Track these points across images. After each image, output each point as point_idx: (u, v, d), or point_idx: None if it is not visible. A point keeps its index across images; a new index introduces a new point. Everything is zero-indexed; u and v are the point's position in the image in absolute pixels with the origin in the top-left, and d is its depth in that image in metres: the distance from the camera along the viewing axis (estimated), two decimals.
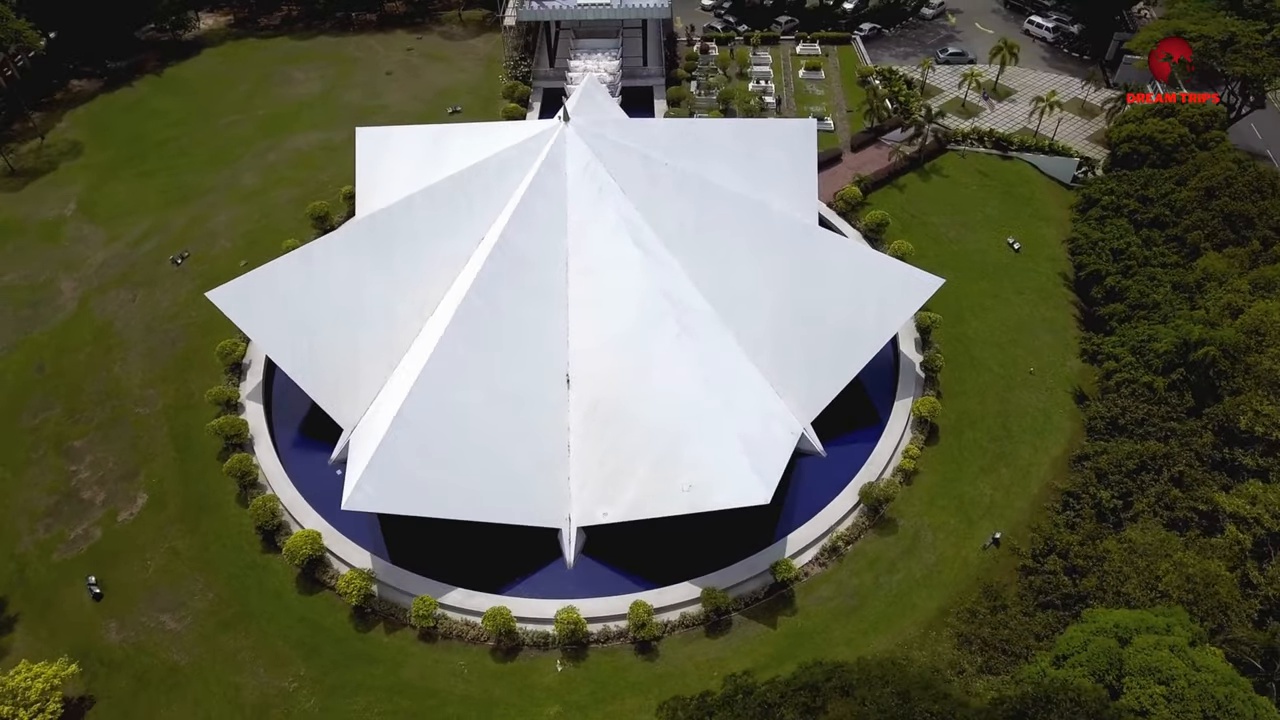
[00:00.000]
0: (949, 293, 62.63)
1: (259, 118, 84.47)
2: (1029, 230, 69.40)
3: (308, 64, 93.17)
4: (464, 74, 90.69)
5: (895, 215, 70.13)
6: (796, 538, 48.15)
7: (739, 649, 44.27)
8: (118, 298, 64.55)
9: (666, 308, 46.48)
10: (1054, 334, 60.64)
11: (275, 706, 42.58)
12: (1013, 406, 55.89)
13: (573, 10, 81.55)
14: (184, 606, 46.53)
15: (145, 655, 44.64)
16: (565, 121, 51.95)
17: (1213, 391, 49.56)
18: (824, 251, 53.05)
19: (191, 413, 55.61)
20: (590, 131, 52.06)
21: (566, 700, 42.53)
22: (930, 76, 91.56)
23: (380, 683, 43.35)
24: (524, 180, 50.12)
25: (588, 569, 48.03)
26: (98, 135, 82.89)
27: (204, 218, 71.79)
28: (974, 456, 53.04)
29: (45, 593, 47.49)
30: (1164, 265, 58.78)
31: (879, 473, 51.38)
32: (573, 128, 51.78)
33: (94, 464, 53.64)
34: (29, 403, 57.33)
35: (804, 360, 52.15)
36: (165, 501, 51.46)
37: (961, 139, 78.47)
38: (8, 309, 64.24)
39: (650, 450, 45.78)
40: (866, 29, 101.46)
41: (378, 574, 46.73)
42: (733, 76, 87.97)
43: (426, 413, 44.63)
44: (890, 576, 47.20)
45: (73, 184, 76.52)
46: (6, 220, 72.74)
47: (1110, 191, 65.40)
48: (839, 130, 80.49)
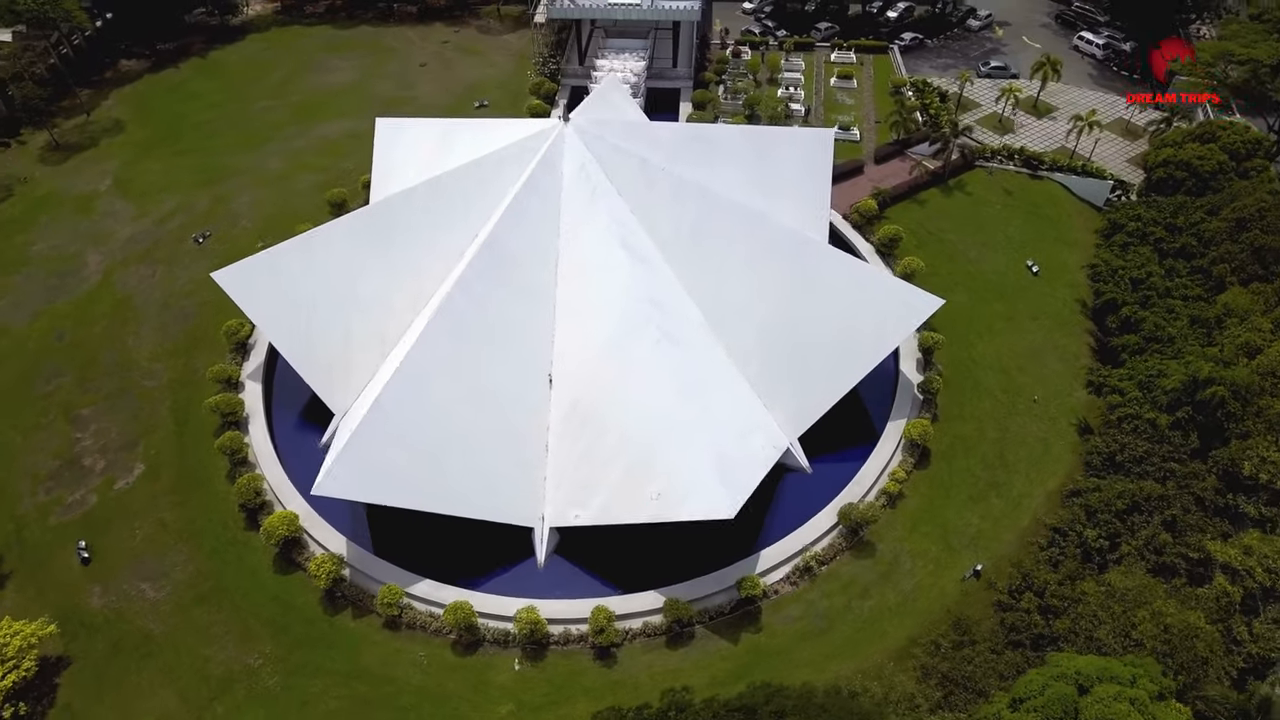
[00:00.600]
0: (958, 314, 61.37)
1: (292, 104, 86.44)
2: (1051, 253, 67.11)
3: (346, 53, 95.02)
4: (495, 69, 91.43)
5: (912, 231, 68.60)
6: (770, 554, 47.39)
7: (698, 663, 43.78)
8: (139, 273, 66.72)
9: (648, 314, 46.17)
10: (1065, 363, 58.53)
11: (239, 681, 43.56)
12: (1012, 435, 54.12)
13: (603, 9, 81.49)
14: (165, 577, 47.90)
15: (123, 621, 46.08)
16: (565, 121, 51.87)
17: (1220, 434, 47.31)
18: (822, 265, 52.04)
19: (194, 389, 57.14)
20: (590, 133, 51.96)
21: (520, 700, 42.61)
22: (968, 90, 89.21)
23: (341, 666, 44.01)
24: (519, 179, 50.27)
25: (561, 570, 48.04)
26: (139, 114, 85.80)
27: (228, 199, 73.76)
28: (964, 484, 51.52)
29: (38, 553, 49.35)
30: (1185, 298, 56.28)
31: (863, 494, 50.27)
32: (572, 128, 51.78)
33: (98, 432, 55.54)
34: (45, 369, 59.62)
35: (794, 374, 51.35)
36: (160, 473, 53.03)
37: (990, 155, 76.29)
38: (37, 278, 66.92)
39: (623, 456, 45.56)
40: (908, 39, 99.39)
41: (351, 560, 47.46)
42: (763, 82, 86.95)
43: (403, 404, 45.07)
44: (863, 601, 46.14)
45: (111, 160, 79.33)
46: (46, 193, 75.76)
47: (1137, 218, 62.85)
48: (865, 141, 78.96)
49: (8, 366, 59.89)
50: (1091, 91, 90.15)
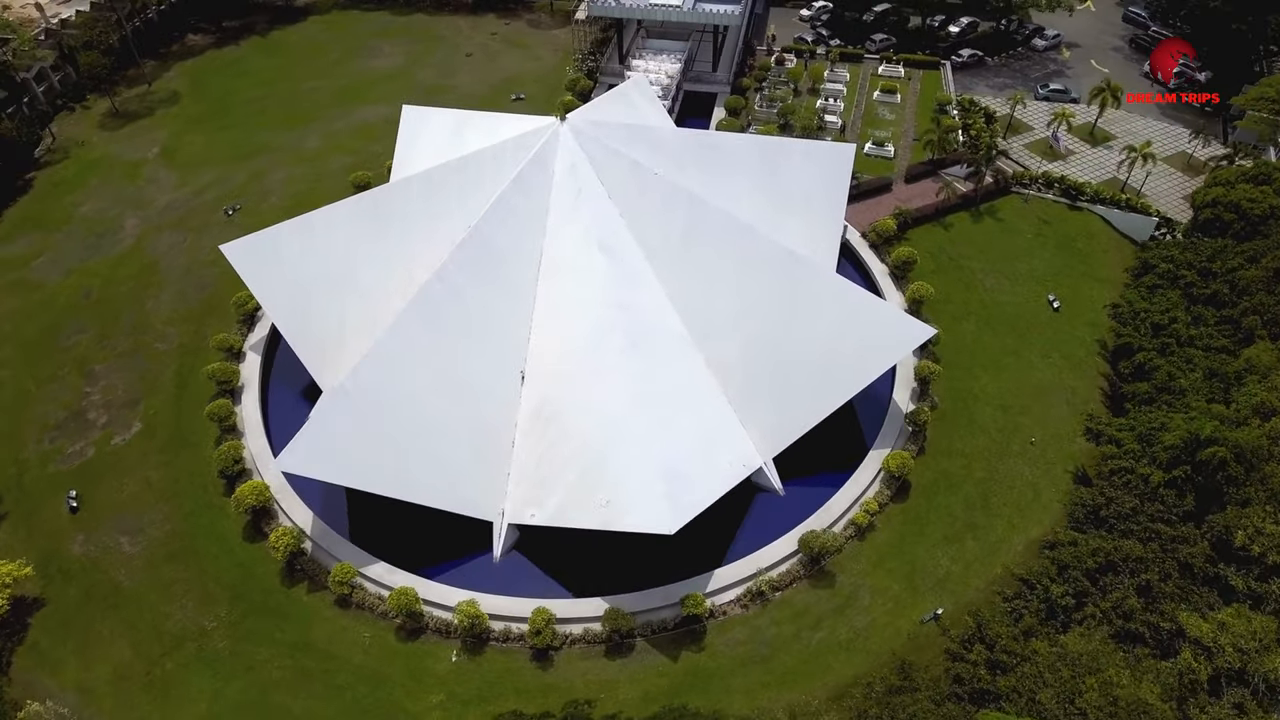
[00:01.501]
0: (964, 344, 59.05)
1: (338, 86, 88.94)
2: (1077, 289, 63.77)
3: (397, 38, 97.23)
4: (538, 63, 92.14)
5: (931, 255, 66.29)
6: (724, 574, 46.43)
7: (634, 675, 43.27)
8: (170, 239, 69.70)
9: (616, 319, 45.80)
10: (1071, 406, 55.54)
11: (191, 641, 45.12)
12: (1001, 476, 51.68)
13: (643, 9, 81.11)
14: (142, 533, 49.95)
15: (98, 571, 48.26)
16: (561, 120, 51.81)
17: (1218, 498, 44.12)
18: (812, 284, 50.61)
19: (199, 355, 59.35)
20: (585, 133, 51.79)
21: (452, 691, 42.89)
22: (1022, 112, 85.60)
23: (289, 638, 45.11)
24: (509, 175, 50.44)
25: (519, 567, 48.10)
26: (196, 88, 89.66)
27: (263, 174, 76.41)
28: (941, 522, 49.45)
29: (34, 498, 52.10)
30: (1207, 348, 52.70)
31: (830, 522, 48.77)
32: (567, 127, 51.72)
33: (106, 388, 58.30)
34: (69, 324, 62.88)
35: (774, 393, 50.18)
36: (155, 432, 55.33)
37: (1028, 182, 72.97)
38: (77, 237, 70.66)
39: (580, 460, 45.36)
40: (966, 55, 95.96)
41: (314, 535, 48.60)
42: (803, 91, 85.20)
43: (371, 388, 45.80)
44: (812, 633, 44.78)
45: (162, 130, 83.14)
46: (100, 157, 79.91)
47: (1169, 259, 59.20)
48: (899, 159, 76.56)
49: (37, 319, 63.39)
50: (1156, 122, 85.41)
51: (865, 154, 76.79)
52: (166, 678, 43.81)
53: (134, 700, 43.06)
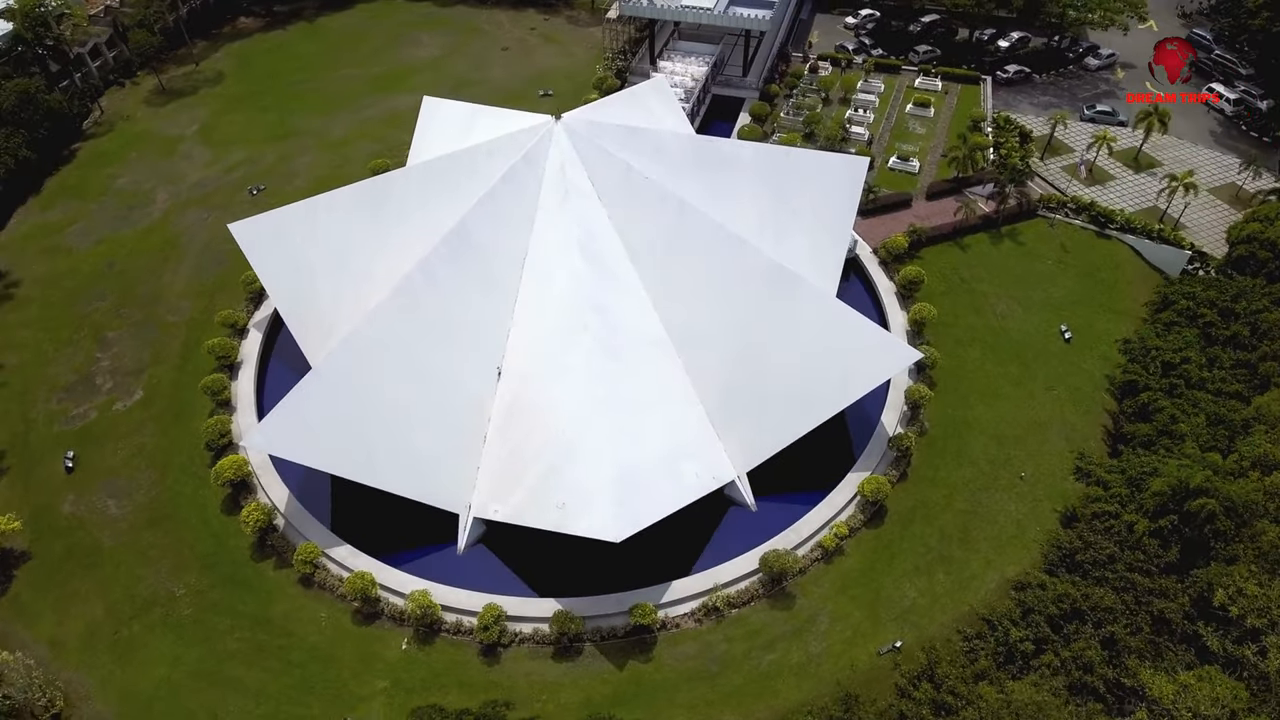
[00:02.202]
0: (964, 370, 57.25)
1: (375, 74, 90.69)
2: (1092, 321, 61.07)
3: (438, 29, 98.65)
4: (571, 59, 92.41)
5: (943, 276, 64.37)
6: (681, 585, 45.85)
7: (578, 680, 43.06)
8: (194, 215, 72.03)
9: (587, 322, 45.60)
10: (1069, 442, 53.22)
11: (159, 605, 46.58)
12: (983, 510, 49.85)
13: (674, 11, 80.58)
14: (128, 497, 51.75)
15: (83, 531, 50.19)
16: (556, 119, 51.79)
17: (1205, 552, 41.74)
18: (797, 300, 49.50)
19: (206, 329, 61.16)
20: (579, 133, 51.65)
21: (398, 679, 43.32)
22: (1064, 134, 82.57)
23: (250, 611, 46.20)
24: (499, 171, 50.61)
25: (484, 561, 48.29)
26: (240, 69, 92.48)
27: (290, 157, 78.42)
28: (913, 552, 47.94)
29: (36, 456, 54.45)
30: (1218, 393, 49.91)
31: (798, 543, 47.72)
32: (561, 126, 51.63)
33: (116, 355, 60.58)
34: (91, 291, 65.53)
35: (753, 407, 49.44)
36: (154, 401, 57.27)
37: (1056, 205, 70.20)
38: (110, 207, 73.60)
39: (542, 460, 45.36)
40: (1012, 71, 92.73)
41: (289, 513, 49.64)
42: (834, 101, 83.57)
43: (346, 374, 46.50)
44: (764, 654, 43.90)
45: (203, 108, 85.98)
46: (142, 131, 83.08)
47: (1190, 296, 56.26)
48: (923, 174, 74.49)
49: (62, 285, 66.23)
50: (1208, 150, 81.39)
51: (889, 168, 75.07)
52: (132, 639, 45.30)
53: (99, 659, 44.64)
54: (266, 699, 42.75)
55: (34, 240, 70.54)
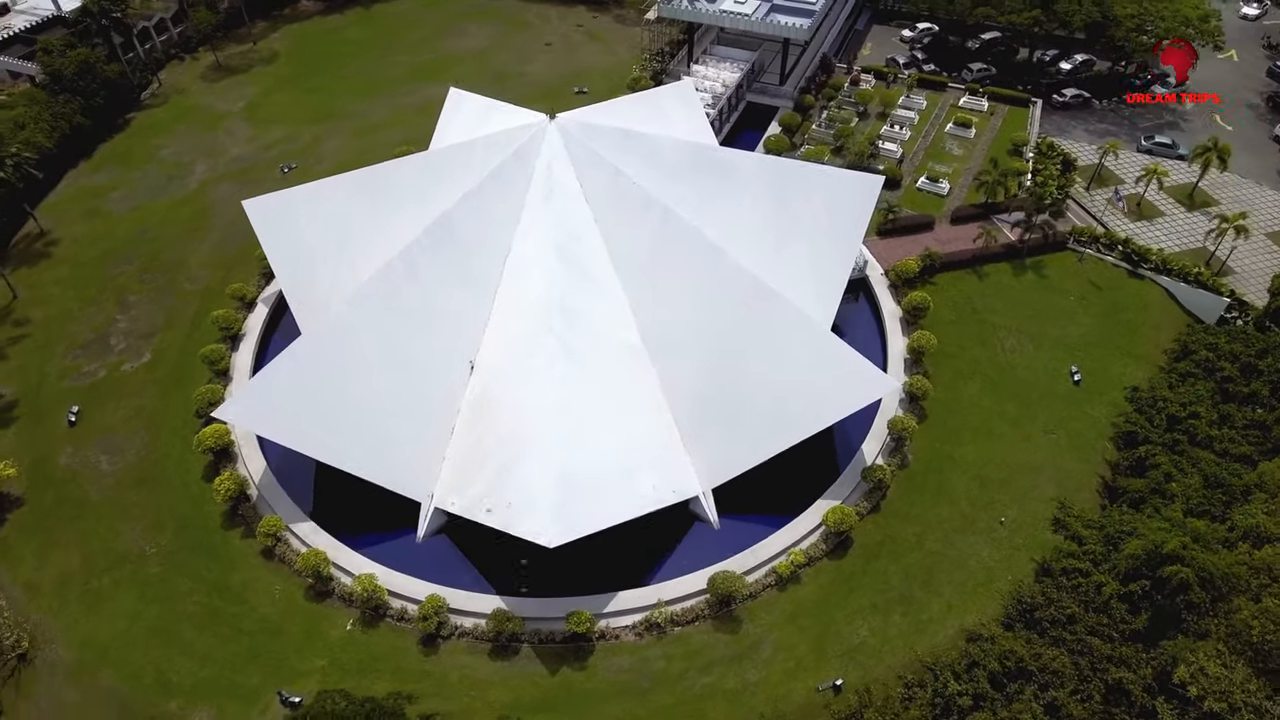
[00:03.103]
0: (958, 404, 55.15)
1: (419, 62, 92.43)
2: (1107, 364, 57.76)
3: (486, 21, 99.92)
4: (612, 58, 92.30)
5: (955, 304, 61.97)
6: (628, 597, 45.35)
7: (509, 680, 43.04)
8: (227, 189, 74.69)
9: (553, 324, 45.47)
10: (1060, 489, 50.46)
11: (129, 562, 48.52)
12: (954, 552, 47.73)
13: (712, 15, 79.63)
14: (120, 455, 54.05)
15: (73, 483, 52.65)
16: (550, 118, 51.72)
17: (1177, 622, 39.00)
18: (776, 319, 48.25)
19: (218, 299, 63.38)
20: (571, 133, 51.46)
21: (337, 659, 44.07)
22: (1116, 164, 78.44)
23: (212, 577, 47.69)
24: (489, 167, 50.85)
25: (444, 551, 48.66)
26: (294, 50, 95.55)
27: (324, 138, 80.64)
28: (872, 589, 46.23)
29: (45, 407, 57.36)
30: (1224, 454, 46.57)
31: (755, 565, 46.61)
32: (554, 126, 51.51)
33: (133, 318, 63.36)
34: (121, 254, 68.70)
35: (724, 423, 48.56)
36: (159, 365, 59.68)
37: (1087, 239, 66.64)
38: (151, 176, 77.01)
39: (498, 457, 45.47)
40: (1069, 95, 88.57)
41: (262, 485, 51.04)
42: (872, 115, 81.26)
43: (320, 356, 47.40)
44: (700, 676, 43.03)
45: (253, 87, 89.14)
46: (193, 105, 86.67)
47: (1212, 347, 52.66)
48: (951, 197, 71.79)
49: (96, 246, 69.62)
50: (1273, 191, 76.15)
51: (917, 188, 72.67)
52: (100, 591, 47.32)
53: (69, 606, 46.78)
54: (211, 663, 44.08)
55: (78, 202, 74.35)
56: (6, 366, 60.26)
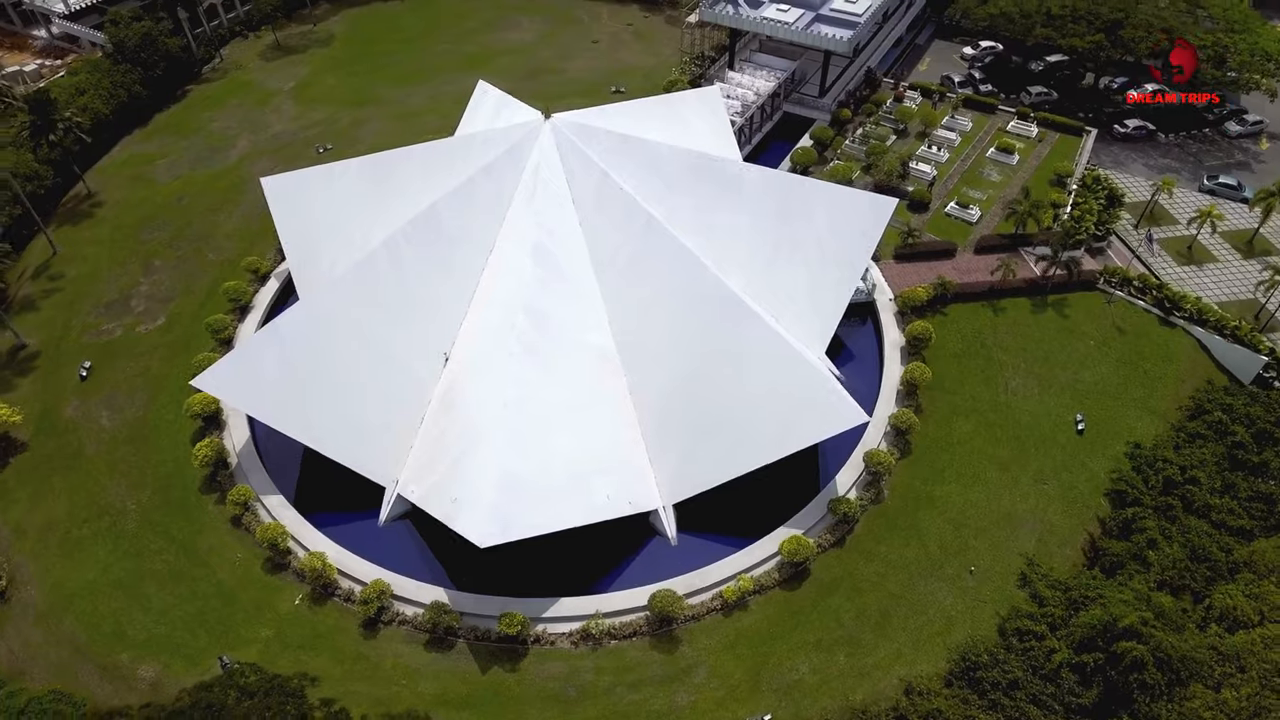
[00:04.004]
0: (947, 442, 52.98)
1: (465, 52, 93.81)
2: (1118, 416, 54.28)
3: (537, 15, 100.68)
4: (655, 59, 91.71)
5: (964, 337, 59.35)
6: (567, 604, 44.99)
7: (440, 673, 43.24)
8: (263, 164, 77.20)
9: (515, 323, 45.37)
10: (1040, 544, 47.73)
11: (109, 515, 50.73)
12: (915, 598, 45.68)
13: (753, 21, 78.18)
14: (120, 413, 56.56)
15: (73, 434, 55.36)
16: (546, 118, 51.58)
17: (1127, 703, 36.36)
18: (752, 340, 47.10)
19: (235, 271, 65.65)
20: (565, 135, 51.16)
21: (283, 632, 45.10)
22: (1170, 203, 74.05)
23: (181, 538, 49.45)
24: (480, 163, 51.06)
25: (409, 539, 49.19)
26: (350, 33, 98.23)
27: (363, 122, 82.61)
28: (821, 626, 44.65)
29: (63, 360, 60.47)
30: (1219, 524, 43.17)
31: (700, 588, 45.60)
32: (548, 126, 51.33)
33: (155, 283, 66.23)
34: (156, 221, 71.90)
35: (690, 439, 47.83)
36: (172, 330, 62.21)
37: (1119, 282, 62.74)
38: (196, 147, 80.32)
39: (454, 450, 45.73)
40: (1132, 126, 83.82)
41: (241, 455, 52.64)
42: (912, 134, 78.46)
43: (299, 335, 48.55)
44: (629, 693, 42.34)
45: (306, 67, 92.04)
46: (247, 81, 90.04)
47: (1227, 409, 48.90)
48: (980, 225, 68.71)
49: (135, 212, 73.03)
50: None
51: (945, 213, 69.86)
52: (78, 540, 49.65)
53: (48, 551, 49.24)
54: (166, 621, 45.72)
55: (127, 168, 78.15)
56: (37, 318, 63.82)
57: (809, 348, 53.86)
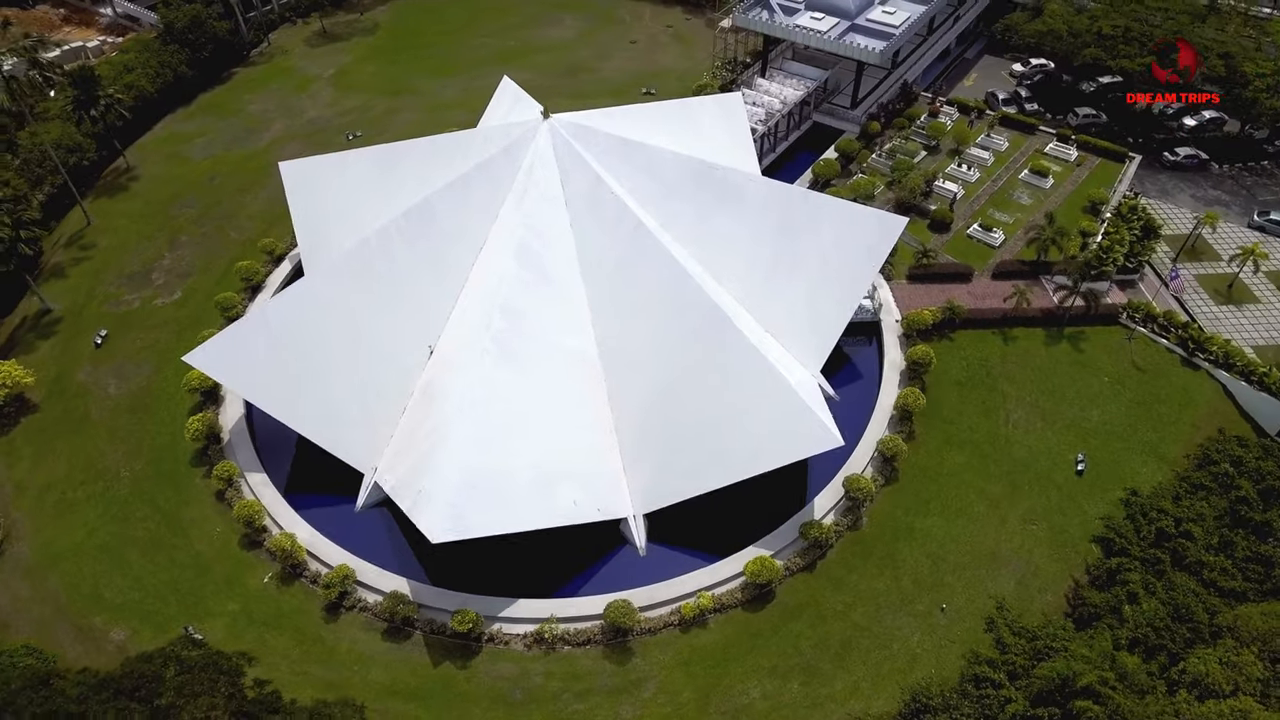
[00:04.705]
0: (936, 472, 51.44)
1: (503, 47, 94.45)
2: (1123, 459, 51.74)
3: (580, 13, 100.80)
4: (691, 62, 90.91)
5: (968, 364, 57.36)
6: (525, 606, 44.87)
7: (393, 663, 43.56)
8: (294, 148, 78.99)
9: (489, 322, 45.37)
10: (1021, 586, 45.78)
11: (102, 479, 52.50)
12: (881, 631, 44.26)
13: (786, 29, 76.81)
14: (127, 382, 58.51)
15: (81, 399, 57.46)
16: (544, 118, 51.44)
17: None
18: (729, 353, 46.02)
19: (252, 250, 67.33)
20: (561, 135, 50.91)
21: (249, 608, 46.05)
22: (1214, 238, 70.53)
23: (165, 508, 50.86)
24: (477, 159, 51.20)
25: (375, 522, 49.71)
26: (394, 23, 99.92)
27: (396, 111, 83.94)
28: (778, 651, 43.56)
29: (82, 326, 62.82)
30: (1210, 584, 40.68)
31: (660, 601, 44.98)
32: (546, 126, 51.16)
33: (177, 258, 68.35)
34: (186, 197, 74.20)
35: (663, 449, 47.38)
36: (186, 305, 64.10)
37: (1142, 318, 59.80)
38: (233, 129, 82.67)
39: (425, 444, 45.97)
40: (1182, 155, 79.86)
41: (233, 431, 53.95)
42: (943, 151, 76.12)
43: (289, 317, 49.27)
44: (574, 701, 41.99)
45: (347, 55, 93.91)
46: (290, 67, 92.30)
47: (1236, 461, 46.06)
48: (1004, 249, 66.28)
49: (167, 187, 75.52)
50: None
51: (967, 235, 67.63)
52: (72, 502, 51.52)
53: (42, 510, 51.22)
54: (140, 588, 47.10)
55: (166, 145, 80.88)
56: (64, 285, 66.49)
57: (804, 365, 52.90)
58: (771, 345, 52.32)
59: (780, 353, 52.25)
